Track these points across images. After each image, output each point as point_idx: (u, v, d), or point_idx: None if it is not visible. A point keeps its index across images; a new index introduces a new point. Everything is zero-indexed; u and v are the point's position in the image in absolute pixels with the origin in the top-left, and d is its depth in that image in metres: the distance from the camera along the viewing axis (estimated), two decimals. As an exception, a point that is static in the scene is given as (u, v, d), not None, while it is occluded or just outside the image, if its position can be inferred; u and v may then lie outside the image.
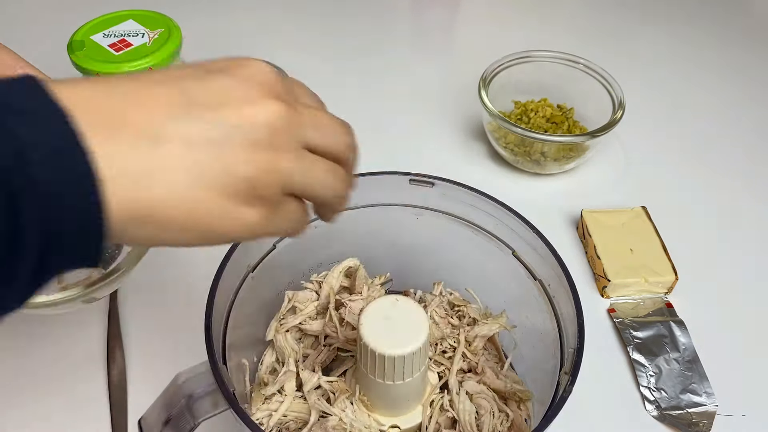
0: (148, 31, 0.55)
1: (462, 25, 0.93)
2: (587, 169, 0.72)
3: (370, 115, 0.77)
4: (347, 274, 0.49)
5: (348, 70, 0.83)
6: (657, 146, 0.75)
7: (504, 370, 0.47)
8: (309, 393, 0.43)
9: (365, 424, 0.43)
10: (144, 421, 0.38)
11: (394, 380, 0.40)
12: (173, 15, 0.59)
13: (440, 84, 0.82)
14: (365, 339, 0.38)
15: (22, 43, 0.85)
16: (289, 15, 0.92)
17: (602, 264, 0.59)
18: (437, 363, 0.47)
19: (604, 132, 0.65)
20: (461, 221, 0.48)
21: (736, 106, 0.80)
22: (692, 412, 0.51)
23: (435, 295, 0.50)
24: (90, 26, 0.55)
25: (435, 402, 0.44)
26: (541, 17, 0.94)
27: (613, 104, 0.68)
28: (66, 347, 0.55)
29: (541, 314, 0.44)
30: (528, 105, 0.72)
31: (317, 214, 0.34)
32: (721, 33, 0.92)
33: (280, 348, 0.47)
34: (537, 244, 0.43)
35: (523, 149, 0.68)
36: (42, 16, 0.90)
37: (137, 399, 0.51)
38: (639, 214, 0.64)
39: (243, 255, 0.43)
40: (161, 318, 0.57)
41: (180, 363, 0.40)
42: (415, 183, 0.47)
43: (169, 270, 0.61)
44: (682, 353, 0.55)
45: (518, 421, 0.44)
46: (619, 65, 0.79)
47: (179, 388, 0.36)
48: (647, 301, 0.59)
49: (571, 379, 0.36)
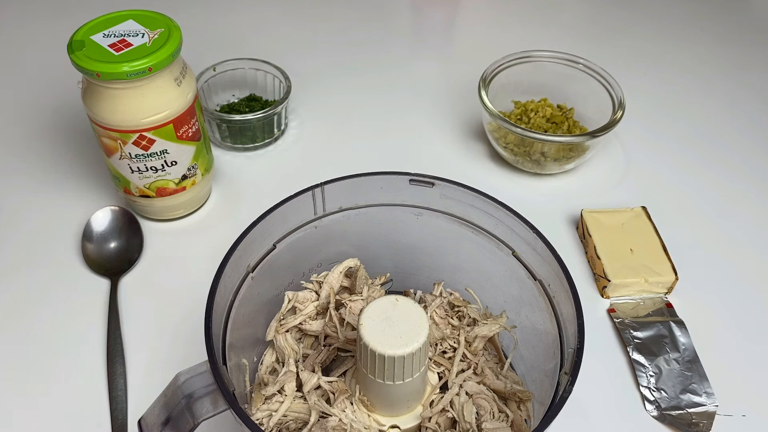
0: (148, 31, 0.55)
1: (462, 25, 0.93)
2: (587, 169, 0.72)
3: (370, 115, 0.78)
4: (347, 274, 0.49)
5: (348, 70, 0.83)
6: (657, 146, 0.75)
7: (504, 370, 0.47)
8: (309, 393, 0.43)
9: (365, 425, 0.43)
10: (144, 421, 0.38)
11: (394, 380, 0.40)
12: (173, 15, 0.59)
13: (440, 84, 0.82)
14: (365, 339, 0.38)
15: (22, 43, 0.86)
16: (288, 15, 0.92)
17: (602, 264, 0.59)
18: (437, 363, 0.47)
19: (604, 132, 0.65)
20: (461, 221, 0.48)
21: (736, 106, 0.81)
22: (692, 412, 0.51)
23: (435, 295, 0.50)
24: (90, 26, 0.55)
25: (435, 402, 0.44)
26: (541, 17, 0.94)
27: (613, 104, 0.68)
28: (66, 347, 0.55)
29: (541, 314, 0.44)
30: (528, 105, 0.72)
31: None
32: (721, 33, 0.92)
33: (280, 348, 0.47)
34: (537, 244, 0.43)
35: (523, 149, 0.68)
36: (42, 16, 0.90)
37: (137, 399, 0.51)
38: (639, 214, 0.64)
39: (243, 255, 0.43)
40: (161, 318, 0.57)
41: (180, 363, 0.40)
42: (415, 183, 0.47)
43: (169, 270, 0.61)
44: (682, 353, 0.55)
45: (518, 422, 0.44)
46: (619, 65, 0.80)
47: (179, 388, 0.36)
48: (647, 301, 0.59)
49: (571, 379, 0.36)
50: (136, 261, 0.61)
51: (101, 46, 0.53)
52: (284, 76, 0.72)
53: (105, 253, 0.61)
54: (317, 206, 0.47)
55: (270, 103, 0.73)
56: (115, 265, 0.60)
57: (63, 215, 0.65)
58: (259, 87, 0.75)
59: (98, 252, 0.61)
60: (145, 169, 0.58)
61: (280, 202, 0.44)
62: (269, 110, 0.69)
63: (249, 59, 0.73)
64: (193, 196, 0.64)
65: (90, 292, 0.59)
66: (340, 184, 0.46)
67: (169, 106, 0.56)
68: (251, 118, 0.68)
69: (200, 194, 0.65)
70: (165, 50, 0.53)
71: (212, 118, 0.69)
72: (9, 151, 0.71)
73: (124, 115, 0.54)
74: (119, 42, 0.54)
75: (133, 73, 0.52)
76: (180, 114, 0.57)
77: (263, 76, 0.74)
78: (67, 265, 0.61)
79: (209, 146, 0.64)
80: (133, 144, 0.56)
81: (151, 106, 0.55)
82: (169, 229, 0.64)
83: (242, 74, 0.74)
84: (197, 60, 0.70)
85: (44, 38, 0.86)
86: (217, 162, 0.70)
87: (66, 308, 0.58)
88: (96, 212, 0.63)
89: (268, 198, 0.47)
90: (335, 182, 0.46)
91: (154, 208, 0.63)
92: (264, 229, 0.44)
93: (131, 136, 0.56)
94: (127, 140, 0.56)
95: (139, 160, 0.58)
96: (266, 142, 0.73)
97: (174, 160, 0.59)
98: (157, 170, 0.59)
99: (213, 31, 0.88)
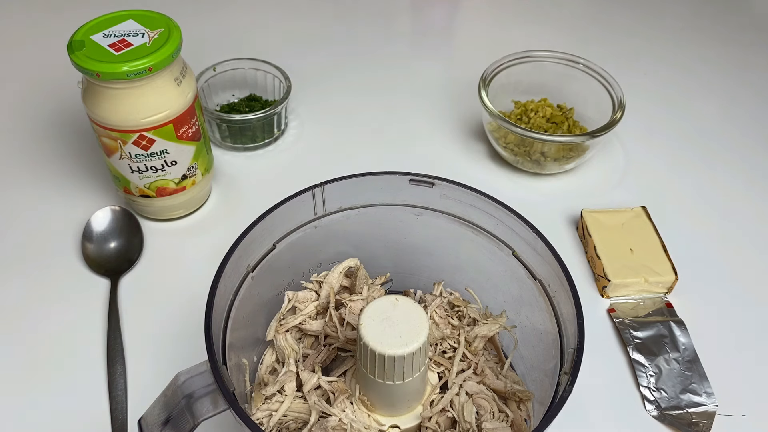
0: (148, 31, 0.55)
1: (462, 25, 0.93)
2: (587, 169, 0.72)
3: (370, 114, 0.78)
4: (347, 274, 0.49)
5: (348, 70, 0.83)
6: (657, 146, 0.75)
7: (504, 370, 0.47)
8: (309, 393, 0.43)
9: (365, 425, 0.43)
10: (144, 421, 0.38)
11: (394, 380, 0.40)
12: (173, 15, 0.59)
13: (440, 84, 0.82)
14: (365, 339, 0.38)
15: (22, 43, 0.86)
16: (288, 15, 0.92)
17: (602, 264, 0.59)
18: (437, 363, 0.47)
19: (604, 132, 0.65)
20: (461, 221, 0.48)
21: (736, 106, 0.81)
22: (692, 412, 0.51)
23: (435, 295, 0.50)
24: (90, 26, 0.55)
25: (435, 402, 0.44)
26: (541, 17, 0.94)
27: (613, 104, 0.68)
28: (66, 347, 0.55)
29: (541, 314, 0.44)
30: (528, 105, 0.72)
31: None
32: (721, 32, 0.92)
33: (280, 348, 0.47)
34: (537, 244, 0.43)
35: (523, 149, 0.68)
36: (42, 16, 0.90)
37: (137, 399, 0.51)
38: (639, 214, 0.64)
39: (243, 255, 0.43)
40: (161, 318, 0.57)
41: (180, 363, 0.40)
42: (415, 183, 0.47)
43: (169, 270, 0.61)
44: (682, 353, 0.55)
45: (518, 422, 0.44)
46: (619, 65, 0.80)
47: (179, 388, 0.36)
48: (647, 301, 0.59)
49: (571, 379, 0.36)
50: (136, 261, 0.61)
51: (101, 46, 0.53)
52: (284, 76, 0.72)
53: (105, 253, 0.61)
54: (317, 206, 0.47)
55: (270, 103, 0.73)
56: (115, 265, 0.60)
57: (63, 215, 0.65)
58: (259, 87, 0.75)
59: (98, 252, 0.61)
60: (145, 169, 0.58)
61: (280, 202, 0.44)
62: (269, 110, 0.69)
63: (249, 59, 0.73)
64: (193, 196, 0.64)
65: (90, 292, 0.59)
66: (340, 184, 0.46)
67: (169, 106, 0.56)
68: (251, 118, 0.68)
69: (200, 194, 0.65)
70: (165, 50, 0.53)
71: (212, 118, 0.69)
72: (9, 151, 0.71)
73: (124, 115, 0.54)
74: (119, 42, 0.54)
75: (133, 73, 0.52)
76: (180, 114, 0.57)
77: (263, 76, 0.74)
78: (67, 265, 0.61)
79: (209, 146, 0.65)
80: (133, 144, 0.56)
81: (151, 106, 0.55)
82: (169, 229, 0.64)
83: (242, 74, 0.74)
84: (197, 60, 0.70)
85: (44, 38, 0.86)
86: (217, 162, 0.70)
87: (66, 308, 0.58)
88: (96, 212, 0.63)
89: (268, 198, 0.47)
90: (335, 182, 0.46)
91: (154, 208, 0.63)
92: (264, 229, 0.44)
93: (131, 136, 0.56)
94: (127, 140, 0.56)
95: (139, 160, 0.58)
96: (266, 142, 0.73)
97: (174, 160, 0.59)
98: (157, 170, 0.59)
99: (213, 31, 0.88)
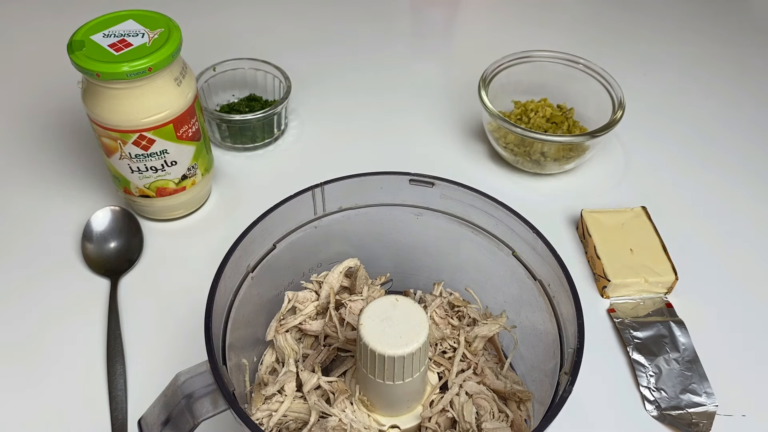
0: (148, 31, 0.55)
1: (462, 25, 0.93)
2: (587, 169, 0.72)
3: (370, 114, 0.78)
4: (347, 274, 0.49)
5: (348, 70, 0.83)
6: (657, 146, 0.75)
7: (504, 370, 0.47)
8: (309, 393, 0.43)
9: (365, 425, 0.43)
10: (144, 421, 0.38)
11: (394, 380, 0.40)
12: (173, 15, 0.59)
13: (440, 84, 0.82)
14: (365, 339, 0.38)
15: (22, 43, 0.86)
16: (288, 15, 0.92)
17: (602, 264, 0.59)
18: (437, 363, 0.47)
19: (604, 132, 0.65)
20: (461, 221, 0.48)
21: (736, 106, 0.81)
22: (692, 412, 0.51)
23: (435, 295, 0.50)
24: (90, 26, 0.55)
25: (435, 402, 0.44)
26: (541, 17, 0.94)
27: (613, 104, 0.68)
28: (66, 347, 0.55)
29: (541, 314, 0.44)
30: (528, 105, 0.72)
31: None
32: (720, 33, 0.92)
33: (280, 348, 0.47)
34: (537, 244, 0.43)
35: (523, 149, 0.68)
36: (42, 16, 0.90)
37: (137, 399, 0.51)
38: (639, 214, 0.64)
39: (243, 255, 0.43)
40: (161, 318, 0.57)
41: (180, 363, 0.40)
42: (415, 183, 0.47)
43: (169, 270, 0.61)
44: (682, 353, 0.55)
45: (518, 422, 0.44)
46: (619, 65, 0.80)
47: (179, 388, 0.36)
48: (647, 301, 0.59)
49: (571, 379, 0.36)
50: (136, 261, 0.61)
51: (101, 46, 0.53)
52: (284, 76, 0.72)
53: (105, 253, 0.61)
54: (317, 206, 0.47)
55: (270, 103, 0.73)
56: (115, 265, 0.60)
57: (63, 215, 0.65)
58: (259, 87, 0.75)
59: (98, 252, 0.61)
60: (145, 169, 0.58)
61: (280, 202, 0.44)
62: (269, 110, 0.69)
63: (249, 59, 0.73)
64: (193, 196, 0.64)
65: (90, 292, 0.59)
66: (340, 184, 0.46)
67: (169, 106, 0.56)
68: (251, 118, 0.68)
69: (200, 194, 0.65)
70: (165, 50, 0.53)
71: (212, 118, 0.69)
72: (9, 151, 0.71)
73: (124, 115, 0.54)
74: (119, 42, 0.54)
75: (133, 73, 0.52)
76: (180, 114, 0.57)
77: (263, 76, 0.74)
78: (67, 265, 0.61)
79: (209, 146, 0.65)
80: (133, 144, 0.56)
81: (151, 106, 0.55)
82: (169, 229, 0.64)
83: (242, 74, 0.74)
84: (197, 60, 0.70)
85: (44, 38, 0.86)
86: (217, 162, 0.70)
87: (66, 308, 0.57)
88: (96, 212, 0.63)
89: (268, 198, 0.47)
90: (335, 182, 0.46)
91: (154, 208, 0.63)
92: (264, 229, 0.44)
93: (131, 136, 0.56)
94: (127, 140, 0.56)
95: (139, 160, 0.58)
96: (266, 142, 0.73)
97: (174, 160, 0.59)
98: (157, 170, 0.59)
99: (213, 31, 0.88)
